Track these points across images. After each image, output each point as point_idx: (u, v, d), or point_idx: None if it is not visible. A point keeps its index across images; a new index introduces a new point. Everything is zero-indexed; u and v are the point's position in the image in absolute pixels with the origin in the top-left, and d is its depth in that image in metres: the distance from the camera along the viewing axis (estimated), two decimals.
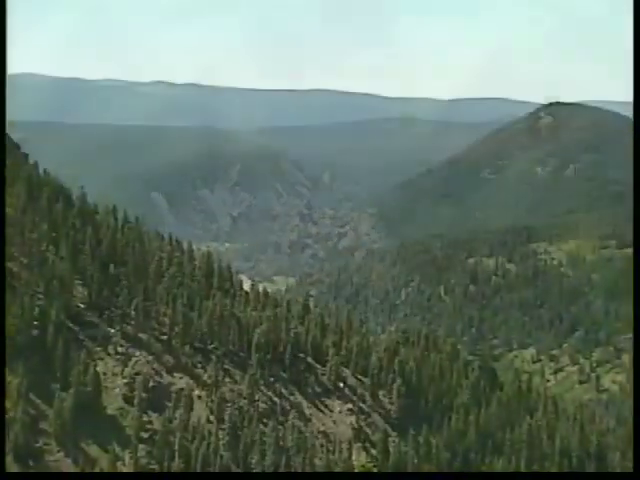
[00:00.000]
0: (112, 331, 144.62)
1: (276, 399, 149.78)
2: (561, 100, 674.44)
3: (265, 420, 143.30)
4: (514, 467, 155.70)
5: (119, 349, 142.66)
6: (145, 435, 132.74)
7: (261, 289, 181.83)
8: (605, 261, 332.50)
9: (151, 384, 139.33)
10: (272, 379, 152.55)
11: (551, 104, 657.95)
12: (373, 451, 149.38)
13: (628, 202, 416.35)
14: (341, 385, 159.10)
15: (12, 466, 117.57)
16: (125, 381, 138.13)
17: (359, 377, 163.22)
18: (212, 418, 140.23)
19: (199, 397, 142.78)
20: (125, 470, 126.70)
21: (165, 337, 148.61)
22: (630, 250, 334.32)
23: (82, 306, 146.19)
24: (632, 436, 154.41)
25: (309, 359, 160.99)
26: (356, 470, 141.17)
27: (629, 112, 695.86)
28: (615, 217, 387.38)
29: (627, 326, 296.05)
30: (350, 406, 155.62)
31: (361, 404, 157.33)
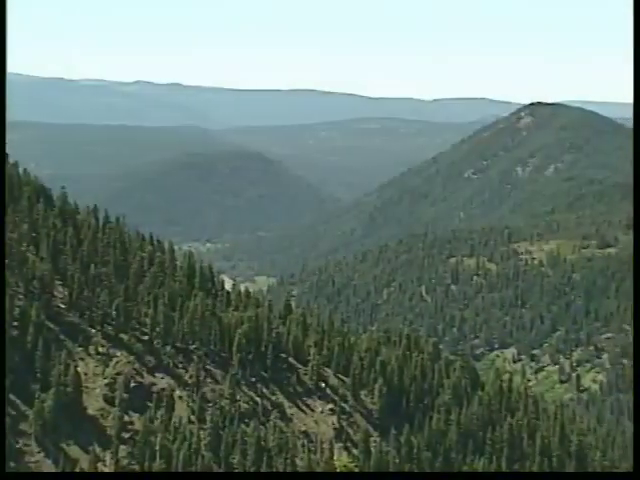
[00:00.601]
0: (93, 331, 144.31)
1: (257, 399, 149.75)
2: (542, 100, 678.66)
3: (247, 420, 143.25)
4: (495, 466, 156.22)
5: (100, 349, 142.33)
6: (126, 435, 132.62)
7: (242, 289, 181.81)
8: (586, 261, 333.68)
9: (132, 384, 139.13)
10: (253, 379, 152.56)
11: (532, 104, 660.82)
12: (355, 451, 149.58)
13: (609, 202, 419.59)
14: (323, 385, 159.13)
15: None
16: (106, 381, 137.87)
17: (341, 377, 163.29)
18: (193, 418, 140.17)
19: (180, 397, 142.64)
20: (106, 470, 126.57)
21: (146, 337, 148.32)
22: (610, 250, 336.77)
23: (63, 306, 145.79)
24: (632, 436, 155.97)
25: (291, 359, 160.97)
26: (338, 470, 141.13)
27: (610, 112, 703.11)
28: (596, 217, 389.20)
29: (607, 326, 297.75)
30: (332, 406, 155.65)
31: (343, 404, 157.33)
